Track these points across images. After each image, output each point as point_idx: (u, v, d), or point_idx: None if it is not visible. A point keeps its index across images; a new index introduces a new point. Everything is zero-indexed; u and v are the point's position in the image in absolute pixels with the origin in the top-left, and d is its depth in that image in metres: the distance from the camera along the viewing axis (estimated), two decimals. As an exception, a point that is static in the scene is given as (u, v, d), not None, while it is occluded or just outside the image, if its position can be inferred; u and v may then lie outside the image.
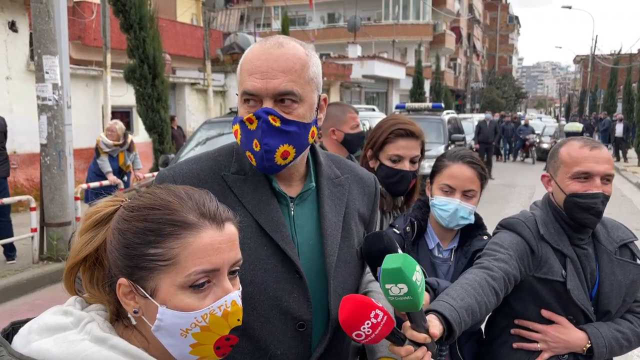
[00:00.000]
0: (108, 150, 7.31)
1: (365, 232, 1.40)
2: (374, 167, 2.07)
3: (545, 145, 19.65)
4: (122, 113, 12.09)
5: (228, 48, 17.52)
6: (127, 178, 7.69)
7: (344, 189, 1.36)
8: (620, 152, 20.01)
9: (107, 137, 7.34)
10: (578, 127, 20.04)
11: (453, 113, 13.94)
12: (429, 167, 1.92)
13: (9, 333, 0.87)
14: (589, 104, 40.73)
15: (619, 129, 19.90)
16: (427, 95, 27.80)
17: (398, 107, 12.52)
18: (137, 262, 0.86)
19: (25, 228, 6.44)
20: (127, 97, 11.12)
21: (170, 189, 0.92)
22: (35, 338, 0.83)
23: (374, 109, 12.69)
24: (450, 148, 6.65)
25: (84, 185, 7.08)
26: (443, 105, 12.66)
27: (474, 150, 13.46)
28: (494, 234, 1.78)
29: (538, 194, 2.15)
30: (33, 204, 6.15)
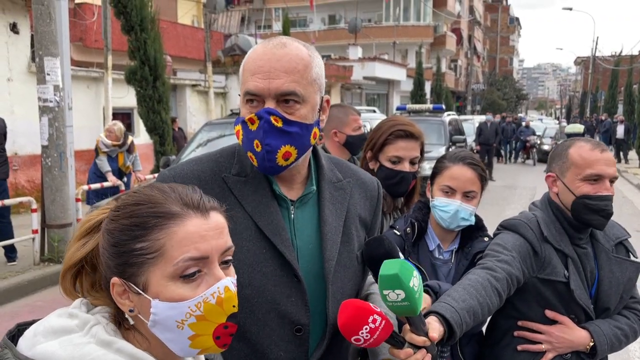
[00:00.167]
0: (107, 150, 7.32)
1: (367, 236, 1.39)
2: (374, 168, 2.07)
3: (546, 147, 19.64)
4: (123, 114, 12.11)
5: (229, 50, 17.55)
6: (126, 179, 7.69)
7: (346, 193, 1.34)
8: (621, 153, 20.02)
9: (106, 137, 7.35)
10: (579, 128, 19.99)
11: (454, 114, 13.93)
12: (430, 168, 1.92)
13: (15, 335, 0.87)
14: (590, 106, 40.72)
15: (620, 131, 19.90)
16: (427, 97, 27.79)
17: (399, 108, 12.53)
18: (126, 258, 0.86)
19: (26, 229, 6.45)
20: (128, 98, 11.14)
21: (154, 186, 0.92)
22: (41, 340, 0.82)
23: (375, 111, 12.71)
24: (451, 149, 6.66)
25: (85, 187, 7.09)
26: (444, 107, 12.66)
27: (475, 152, 13.47)
28: (495, 235, 1.78)
29: (539, 196, 2.17)
30: (34, 206, 6.16)
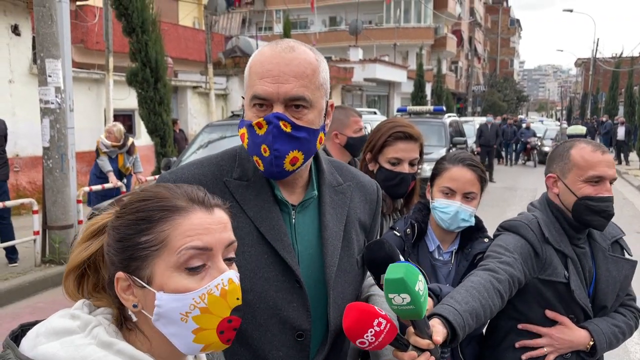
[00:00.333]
0: (106, 151, 7.33)
1: (366, 240, 1.39)
2: (374, 170, 2.07)
3: (547, 149, 19.62)
4: (124, 116, 12.14)
5: (230, 51, 17.57)
6: (126, 181, 7.69)
7: (346, 197, 1.34)
8: (622, 155, 20.00)
9: (105, 138, 7.37)
10: (581, 129, 19.88)
11: (454, 116, 13.94)
12: (430, 170, 1.93)
13: (18, 335, 0.88)
14: (591, 107, 40.71)
15: (621, 132, 19.89)
16: (428, 99, 27.80)
17: (400, 110, 12.54)
18: (131, 252, 0.87)
19: (28, 231, 6.45)
20: (129, 100, 11.16)
21: (159, 185, 0.94)
22: (43, 341, 0.83)
23: (376, 112, 12.73)
24: (452, 151, 6.67)
25: (86, 188, 7.10)
26: (444, 109, 12.68)
27: (475, 154, 13.46)
28: (496, 236, 1.79)
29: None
30: (35, 207, 6.17)
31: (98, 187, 7.10)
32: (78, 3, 12.40)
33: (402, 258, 1.25)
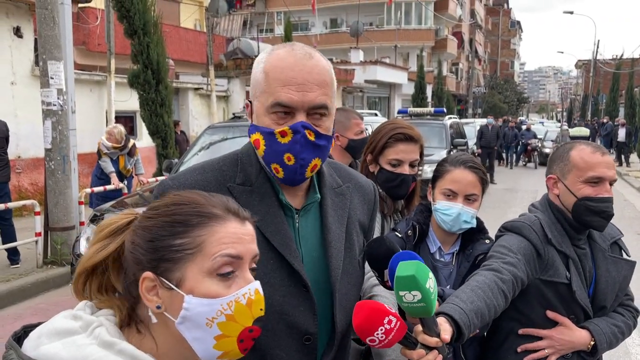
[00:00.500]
0: (107, 152, 7.35)
1: (365, 241, 1.39)
2: (374, 171, 2.07)
3: (548, 150, 19.62)
4: (125, 118, 12.15)
5: (231, 53, 17.57)
6: (127, 182, 7.70)
7: (346, 199, 1.34)
8: (623, 156, 19.99)
9: (106, 140, 7.38)
10: (585, 132, 19.84)
11: (455, 118, 13.96)
12: (431, 171, 1.93)
13: (21, 336, 0.89)
14: (591, 109, 40.68)
15: (622, 134, 19.88)
16: (429, 100, 27.80)
17: (400, 112, 12.55)
18: (162, 254, 0.88)
19: (30, 232, 6.47)
20: (130, 102, 11.17)
21: (193, 191, 0.97)
22: (45, 342, 0.84)
23: (377, 114, 12.75)
24: (452, 153, 6.67)
25: (88, 190, 7.12)
26: (445, 110, 12.70)
27: (476, 155, 13.47)
28: (498, 237, 1.80)
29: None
30: (37, 209, 6.19)
31: (100, 188, 7.12)
32: (80, 5, 12.44)
33: (401, 250, 1.26)
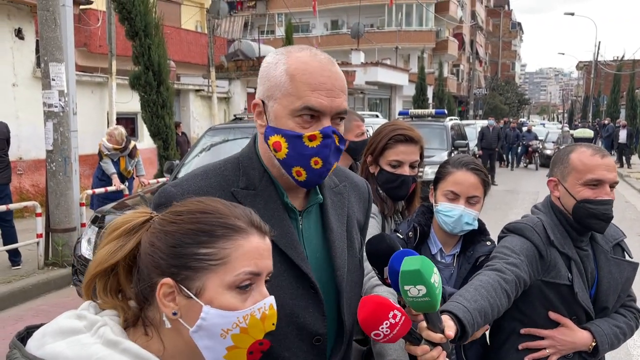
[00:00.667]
0: (108, 154, 7.36)
1: (361, 238, 1.40)
2: (374, 172, 2.08)
3: (549, 152, 19.60)
4: (127, 119, 12.17)
5: (232, 55, 17.61)
6: (128, 183, 7.71)
7: (344, 198, 1.35)
8: (624, 158, 19.99)
9: (107, 141, 7.40)
10: (589, 133, 19.75)
11: (456, 119, 13.97)
12: (432, 173, 1.94)
13: (24, 337, 0.89)
14: (592, 110, 40.67)
15: (623, 135, 19.87)
16: (430, 102, 27.81)
17: (401, 113, 12.54)
18: (185, 261, 0.88)
19: (31, 234, 6.49)
20: (132, 103, 11.19)
21: (216, 199, 0.98)
22: (49, 341, 0.84)
23: (378, 115, 12.75)
24: (454, 154, 6.67)
25: (89, 191, 7.13)
26: (446, 112, 12.69)
27: (477, 157, 13.47)
28: (501, 238, 1.81)
29: (541, 200, 2.19)
30: (39, 210, 6.21)
31: (101, 190, 7.13)
32: (81, 7, 12.47)
33: (401, 248, 1.27)
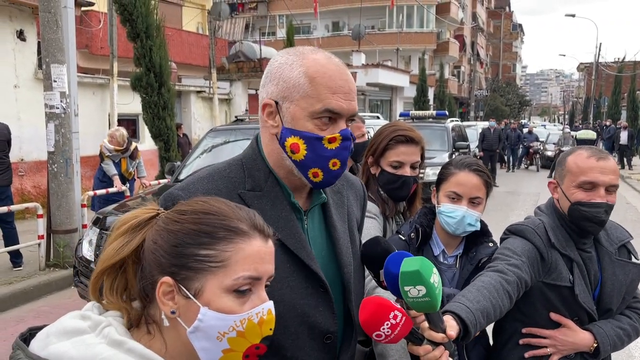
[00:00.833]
0: (109, 155, 7.37)
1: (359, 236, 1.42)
2: (375, 173, 2.08)
3: (550, 153, 19.59)
4: (128, 121, 12.19)
5: (233, 56, 17.63)
6: (129, 185, 7.72)
7: (343, 196, 1.37)
8: (625, 159, 19.97)
9: (108, 142, 7.41)
10: (591, 135, 19.71)
11: (457, 121, 13.96)
12: (433, 174, 1.94)
13: (27, 338, 0.89)
14: (593, 112, 40.64)
15: (624, 137, 19.86)
16: (431, 103, 27.82)
17: (402, 115, 12.54)
18: (185, 261, 0.88)
19: (32, 235, 6.49)
20: (133, 105, 11.21)
21: (220, 200, 0.97)
22: (53, 341, 0.84)
23: (379, 117, 12.75)
24: (455, 156, 6.67)
25: (91, 193, 7.13)
26: (447, 113, 12.69)
27: (478, 158, 13.46)
28: (503, 240, 1.82)
29: (542, 202, 2.19)
30: (40, 211, 6.21)
31: (102, 191, 7.14)
32: (83, 8, 12.50)
33: (397, 250, 1.28)
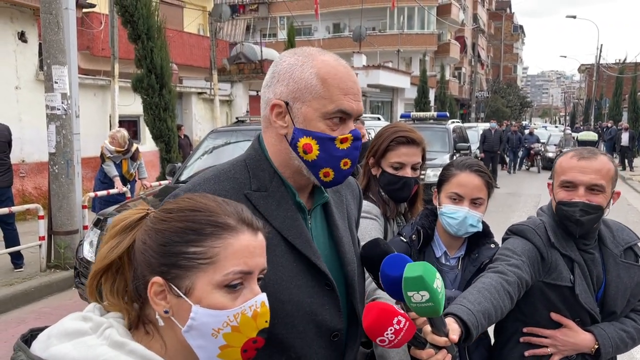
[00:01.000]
0: (110, 156, 7.37)
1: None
2: (376, 174, 2.08)
3: (551, 154, 19.59)
4: (129, 122, 12.20)
5: (234, 58, 17.65)
6: (130, 186, 7.72)
7: (342, 195, 1.39)
8: (626, 161, 19.97)
9: (109, 144, 7.41)
10: (592, 136, 19.70)
11: (458, 122, 13.97)
12: (434, 176, 1.94)
13: (28, 339, 0.89)
14: (594, 113, 40.64)
15: (625, 138, 19.87)
16: (432, 105, 27.82)
17: (403, 116, 12.57)
18: (174, 260, 0.88)
19: (34, 236, 6.50)
20: (134, 106, 11.22)
21: (207, 196, 0.96)
22: (55, 342, 0.84)
23: (380, 118, 12.74)
24: (456, 157, 6.68)
25: (92, 194, 7.13)
26: (448, 115, 12.70)
27: (479, 159, 13.46)
28: (504, 240, 1.82)
29: (543, 203, 2.20)
30: (41, 213, 6.20)
31: (103, 192, 7.14)
32: (84, 10, 12.52)
33: (395, 252, 1.28)
